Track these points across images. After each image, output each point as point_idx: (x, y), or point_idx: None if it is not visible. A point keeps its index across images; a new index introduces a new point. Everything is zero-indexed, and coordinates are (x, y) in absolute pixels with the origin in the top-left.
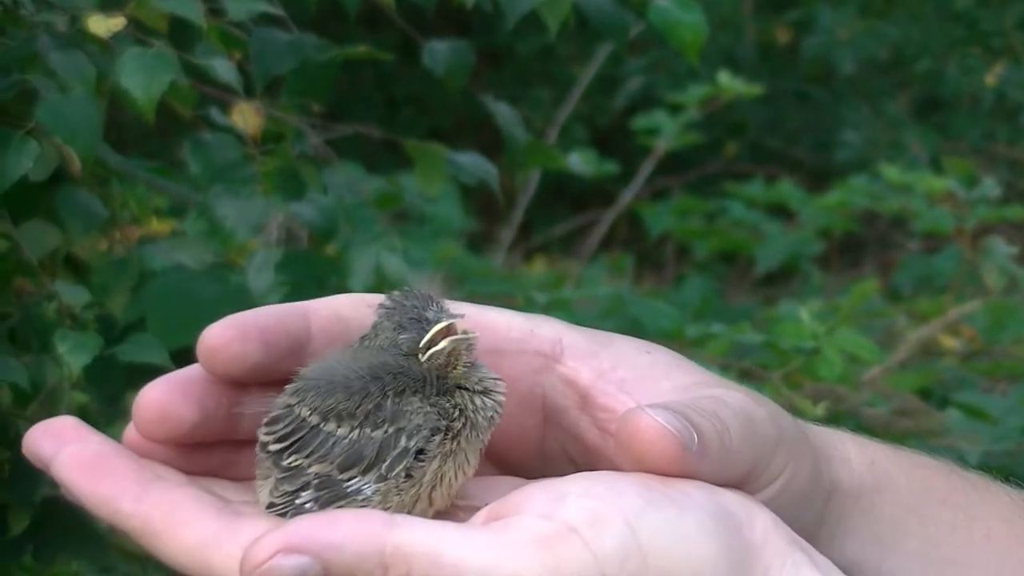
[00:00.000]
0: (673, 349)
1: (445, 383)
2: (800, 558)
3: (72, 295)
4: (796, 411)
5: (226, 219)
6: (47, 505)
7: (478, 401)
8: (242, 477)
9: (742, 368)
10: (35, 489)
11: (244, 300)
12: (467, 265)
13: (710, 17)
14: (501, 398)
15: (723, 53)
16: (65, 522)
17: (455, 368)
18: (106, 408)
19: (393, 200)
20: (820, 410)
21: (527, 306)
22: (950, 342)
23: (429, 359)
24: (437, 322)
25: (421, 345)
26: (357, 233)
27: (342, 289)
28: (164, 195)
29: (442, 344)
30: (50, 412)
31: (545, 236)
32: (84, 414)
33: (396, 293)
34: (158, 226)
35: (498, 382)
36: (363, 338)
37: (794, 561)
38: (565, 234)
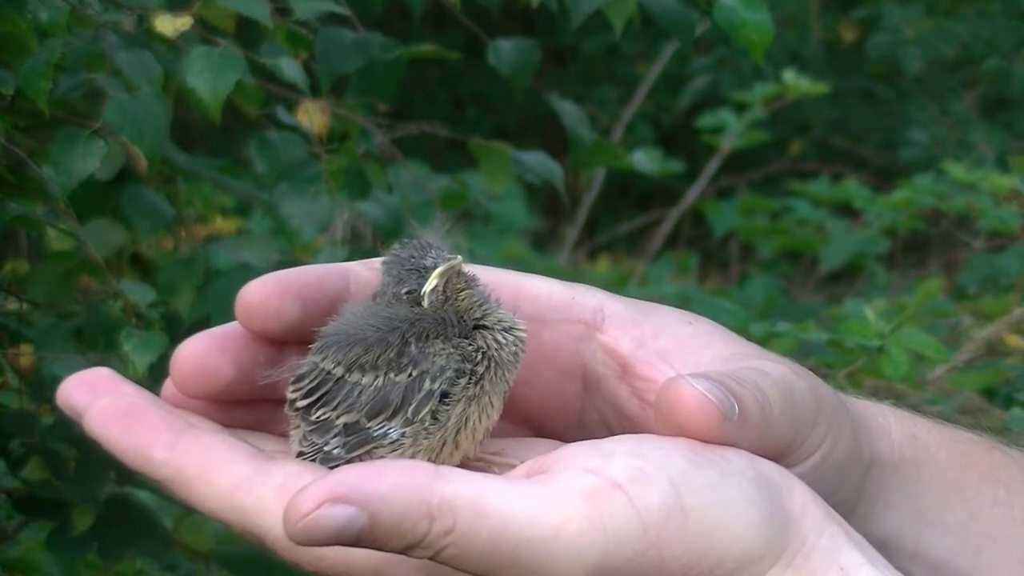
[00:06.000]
0: None
1: (466, 325)
2: (836, 531)
3: (138, 294)
4: None
5: (291, 218)
6: (112, 503)
7: (500, 338)
8: (283, 432)
9: (807, 366)
10: (100, 487)
11: None
12: (531, 263)
13: (775, 15)
14: (522, 334)
15: (789, 51)
16: (130, 520)
17: (457, 300)
18: None
19: (458, 199)
20: None
21: None
22: (1015, 341)
23: (430, 301)
24: (435, 268)
25: (422, 293)
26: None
27: None
28: (230, 194)
29: (433, 281)
30: None
31: (610, 235)
32: None
33: (395, 246)
34: (223, 225)
35: (517, 320)
36: (374, 296)
37: (831, 534)
38: (630, 233)
